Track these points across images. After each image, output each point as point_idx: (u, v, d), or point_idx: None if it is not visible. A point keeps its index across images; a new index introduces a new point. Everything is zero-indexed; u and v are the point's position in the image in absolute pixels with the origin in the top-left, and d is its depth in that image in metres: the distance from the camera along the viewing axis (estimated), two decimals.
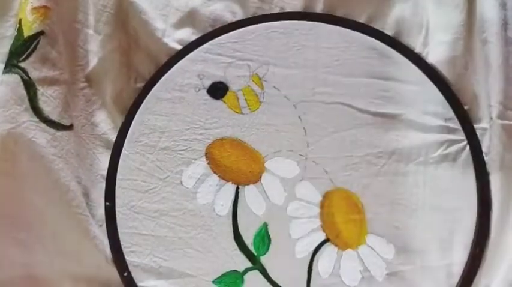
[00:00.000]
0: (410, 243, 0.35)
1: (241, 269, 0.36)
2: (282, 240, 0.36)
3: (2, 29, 0.40)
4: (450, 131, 0.36)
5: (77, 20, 0.39)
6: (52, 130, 0.36)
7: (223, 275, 0.36)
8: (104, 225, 0.38)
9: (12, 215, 0.36)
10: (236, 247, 0.37)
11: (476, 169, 0.35)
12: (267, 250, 0.36)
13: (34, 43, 0.36)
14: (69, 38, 0.39)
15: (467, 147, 0.36)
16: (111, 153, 0.39)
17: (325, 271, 0.36)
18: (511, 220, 0.34)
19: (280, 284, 0.36)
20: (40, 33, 0.36)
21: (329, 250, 0.36)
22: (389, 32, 0.39)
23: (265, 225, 0.37)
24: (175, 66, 0.39)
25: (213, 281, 0.36)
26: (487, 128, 0.36)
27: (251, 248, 0.37)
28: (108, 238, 0.37)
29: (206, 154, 0.38)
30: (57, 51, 0.37)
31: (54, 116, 0.36)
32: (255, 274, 0.36)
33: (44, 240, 0.37)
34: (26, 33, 0.36)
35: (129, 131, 0.38)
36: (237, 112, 0.38)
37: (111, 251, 0.37)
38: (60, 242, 0.37)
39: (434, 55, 0.37)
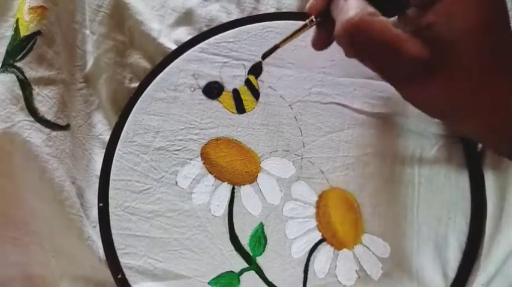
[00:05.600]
0: (406, 243, 0.35)
1: (237, 269, 0.36)
2: (278, 240, 0.36)
3: (2, 29, 0.40)
4: (445, 131, 0.36)
5: (75, 20, 0.40)
6: (47, 130, 0.36)
7: (219, 276, 0.36)
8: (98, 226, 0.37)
9: (7, 214, 0.36)
10: (232, 247, 0.36)
11: (470, 169, 0.35)
12: (263, 250, 0.36)
13: (31, 43, 0.36)
14: (68, 38, 0.39)
15: (462, 147, 0.35)
16: (105, 153, 0.38)
17: (321, 270, 0.35)
18: (505, 220, 0.34)
19: (276, 285, 0.35)
20: (37, 33, 0.36)
21: (325, 249, 0.36)
22: None
23: (261, 225, 0.36)
24: (170, 65, 0.38)
25: (209, 283, 0.36)
26: None
27: (247, 248, 0.36)
28: (102, 239, 0.37)
29: (201, 154, 0.38)
30: (54, 51, 0.37)
31: (49, 116, 0.37)
32: (251, 275, 0.36)
33: (41, 239, 0.37)
34: (23, 33, 0.36)
35: (123, 131, 0.38)
36: (232, 112, 0.38)
37: (105, 253, 0.37)
38: (56, 242, 0.37)
39: None
